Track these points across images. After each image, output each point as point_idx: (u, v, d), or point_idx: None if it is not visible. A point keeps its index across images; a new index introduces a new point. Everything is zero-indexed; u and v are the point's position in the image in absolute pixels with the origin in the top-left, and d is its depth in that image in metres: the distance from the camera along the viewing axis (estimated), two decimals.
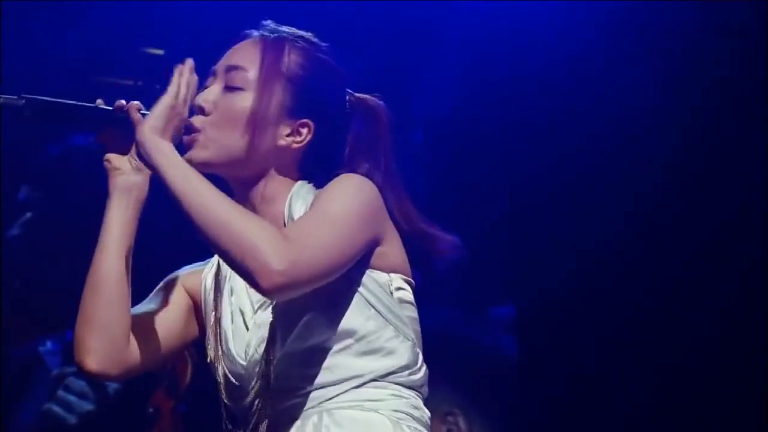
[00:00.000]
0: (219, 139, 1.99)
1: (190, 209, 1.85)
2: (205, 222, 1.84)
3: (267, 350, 1.96)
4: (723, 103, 3.88)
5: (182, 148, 2.01)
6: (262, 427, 1.97)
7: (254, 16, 2.11)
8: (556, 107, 4.03)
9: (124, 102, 1.98)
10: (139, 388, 4.10)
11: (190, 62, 2.01)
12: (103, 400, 4.23)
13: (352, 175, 1.99)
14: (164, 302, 2.08)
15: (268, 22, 2.09)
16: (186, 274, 2.13)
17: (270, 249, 1.80)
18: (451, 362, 4.01)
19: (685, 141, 3.92)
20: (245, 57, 2.04)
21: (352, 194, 1.94)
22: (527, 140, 4.09)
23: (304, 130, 2.04)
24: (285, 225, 1.99)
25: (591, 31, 3.96)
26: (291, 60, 2.03)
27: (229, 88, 2.03)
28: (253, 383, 1.99)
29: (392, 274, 2.00)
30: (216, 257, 2.09)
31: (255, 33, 2.09)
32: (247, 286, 1.98)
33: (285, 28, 2.09)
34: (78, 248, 4.11)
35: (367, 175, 2.01)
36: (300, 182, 2.05)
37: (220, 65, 2.06)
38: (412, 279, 2.04)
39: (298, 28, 2.08)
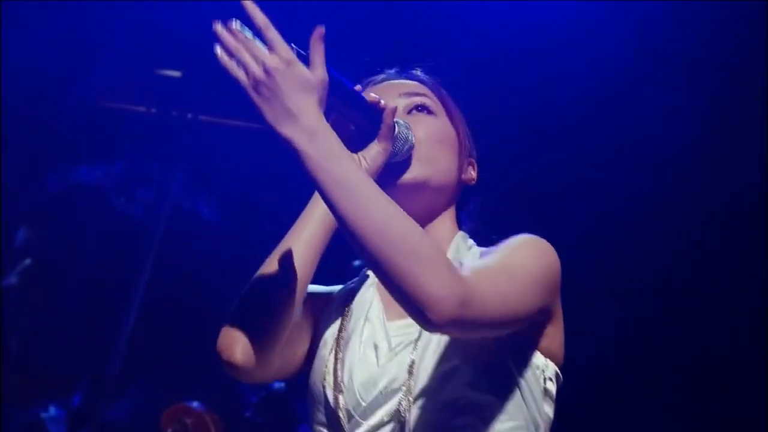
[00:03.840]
0: (437, 157, 1.97)
1: (357, 208, 1.68)
2: (372, 228, 1.68)
3: (406, 396, 1.85)
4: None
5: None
6: None
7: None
8: (589, 116, 4.01)
9: (378, 98, 1.91)
10: None
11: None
12: None
13: (537, 237, 1.91)
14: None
15: (419, 69, 2.09)
16: (312, 294, 1.98)
17: (445, 278, 1.67)
18: None
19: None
20: (421, 89, 2.04)
21: (539, 253, 1.87)
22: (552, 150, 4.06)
23: (470, 168, 2.05)
24: None
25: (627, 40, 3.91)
26: (453, 105, 2.05)
27: (425, 109, 2.00)
28: (374, 424, 1.86)
29: (548, 361, 1.91)
30: (343, 286, 2.02)
31: (393, 72, 2.07)
32: (385, 319, 1.93)
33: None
34: (85, 299, 3.89)
35: None
36: (462, 232, 2.01)
37: (390, 90, 2.02)
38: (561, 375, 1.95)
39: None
